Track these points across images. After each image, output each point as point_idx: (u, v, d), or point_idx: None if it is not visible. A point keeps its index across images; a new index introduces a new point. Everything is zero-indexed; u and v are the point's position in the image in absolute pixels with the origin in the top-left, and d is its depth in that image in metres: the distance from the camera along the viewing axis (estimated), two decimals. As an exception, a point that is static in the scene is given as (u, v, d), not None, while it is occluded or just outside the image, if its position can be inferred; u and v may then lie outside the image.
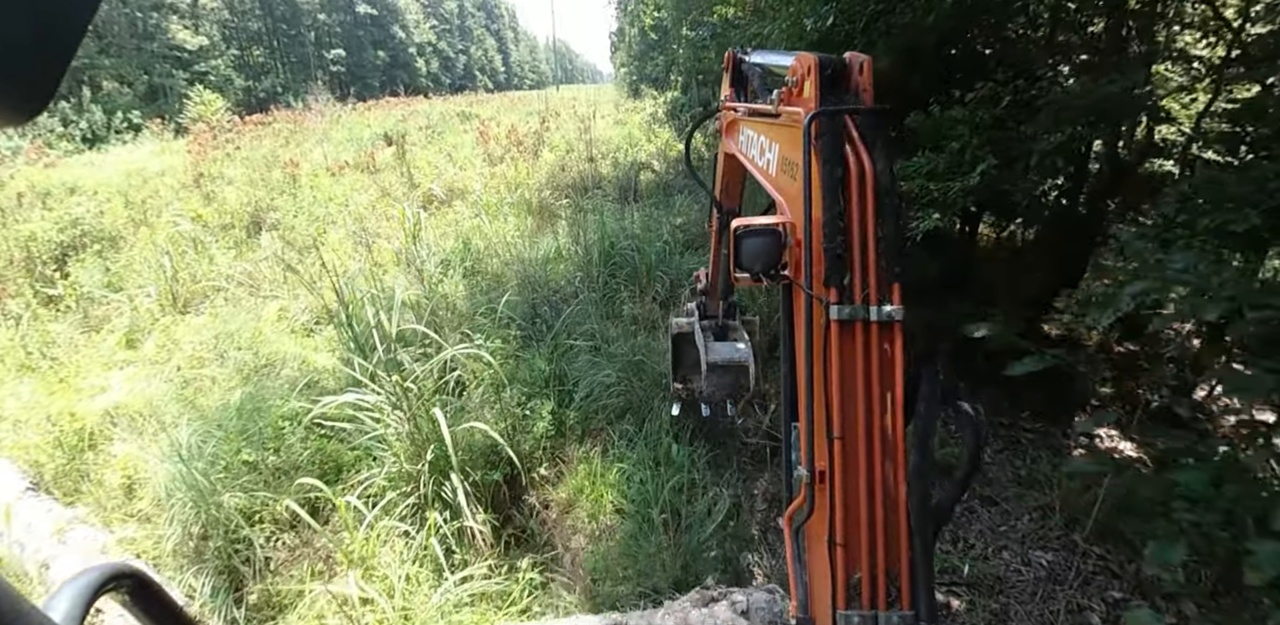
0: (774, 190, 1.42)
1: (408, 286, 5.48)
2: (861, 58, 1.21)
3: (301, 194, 8.40)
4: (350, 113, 20.74)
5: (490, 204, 8.07)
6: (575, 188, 9.64)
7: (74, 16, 0.28)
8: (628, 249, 6.23)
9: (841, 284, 1.14)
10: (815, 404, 1.15)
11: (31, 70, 0.27)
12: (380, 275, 5.89)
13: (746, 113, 1.78)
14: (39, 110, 0.28)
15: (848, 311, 1.13)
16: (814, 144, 1.13)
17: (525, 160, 10.82)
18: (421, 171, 10.01)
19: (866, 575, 1.14)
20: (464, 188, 9.70)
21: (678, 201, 8.93)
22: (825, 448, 1.14)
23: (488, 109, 26.54)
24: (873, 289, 1.14)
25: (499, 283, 5.79)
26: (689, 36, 13.68)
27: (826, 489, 1.16)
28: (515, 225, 7.87)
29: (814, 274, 1.15)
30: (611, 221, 7.43)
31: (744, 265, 1.27)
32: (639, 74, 33.86)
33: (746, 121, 1.79)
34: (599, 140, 14.15)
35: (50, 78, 0.28)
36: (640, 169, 10.92)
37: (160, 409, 3.60)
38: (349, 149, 13.21)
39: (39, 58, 0.27)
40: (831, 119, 1.14)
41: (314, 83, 39.59)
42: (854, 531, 1.14)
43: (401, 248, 6.09)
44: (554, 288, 5.63)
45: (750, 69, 2.04)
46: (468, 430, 2.80)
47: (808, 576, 1.26)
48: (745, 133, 1.81)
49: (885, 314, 1.13)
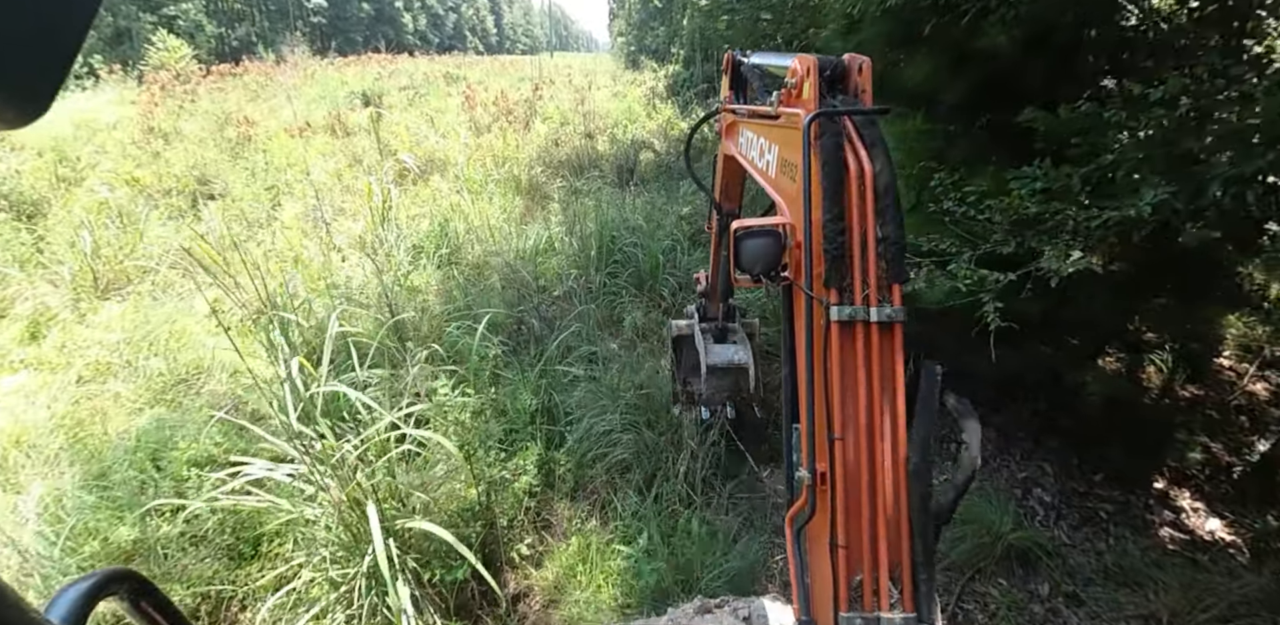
0: (773, 192, 1.43)
1: (369, 279, 4.69)
2: (861, 59, 1.22)
3: (254, 158, 7.40)
4: (327, 68, 19.23)
5: (473, 180, 7.19)
6: (570, 166, 8.77)
7: (74, 16, 0.27)
8: (629, 244, 5.49)
9: (841, 285, 1.14)
10: (815, 405, 1.14)
11: (32, 70, 0.27)
12: (340, 262, 5.07)
13: (746, 114, 1.78)
14: (40, 112, 0.28)
15: (848, 312, 1.13)
16: (813, 145, 1.14)
17: (515, 131, 9.87)
18: (399, 138, 9.02)
19: (868, 577, 1.13)
20: (445, 159, 8.77)
21: (682, 188, 8.14)
22: (826, 449, 1.14)
23: (476, 72, 25.04)
24: (873, 290, 1.13)
25: (479, 276, 5.02)
26: (699, 3, 12.65)
27: (827, 490, 1.15)
28: (501, 207, 7.04)
29: (814, 275, 1.15)
30: (610, 209, 6.66)
31: (744, 267, 1.26)
32: (638, 45, 32.35)
33: (746, 123, 1.79)
34: (596, 113, 13.17)
35: (51, 78, 0.27)
36: (641, 148, 10.06)
37: (38, 442, 2.82)
38: (322, 107, 12.05)
39: (39, 58, 0.27)
40: (831, 120, 1.15)
41: (291, 33, 37.27)
42: (855, 533, 1.13)
43: (367, 229, 5.26)
44: (544, 285, 4.89)
45: (749, 71, 2.04)
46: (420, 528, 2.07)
47: (809, 578, 1.24)
48: (745, 134, 1.81)
49: (885, 315, 1.13)
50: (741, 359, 2.78)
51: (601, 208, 6.49)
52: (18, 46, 0.25)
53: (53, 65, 0.27)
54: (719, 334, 3.04)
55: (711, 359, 2.79)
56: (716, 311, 3.05)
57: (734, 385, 2.89)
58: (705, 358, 2.79)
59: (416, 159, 7.89)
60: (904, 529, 1.12)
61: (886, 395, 1.13)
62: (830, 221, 1.12)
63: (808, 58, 1.21)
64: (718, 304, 3.02)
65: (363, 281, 4.72)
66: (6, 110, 0.27)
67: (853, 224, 1.13)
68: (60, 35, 0.27)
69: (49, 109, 0.28)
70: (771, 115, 1.39)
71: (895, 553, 1.13)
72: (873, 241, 1.13)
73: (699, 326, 3.01)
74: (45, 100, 0.27)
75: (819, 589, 1.20)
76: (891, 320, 1.12)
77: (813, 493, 1.16)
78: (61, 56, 0.27)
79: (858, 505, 1.13)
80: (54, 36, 0.27)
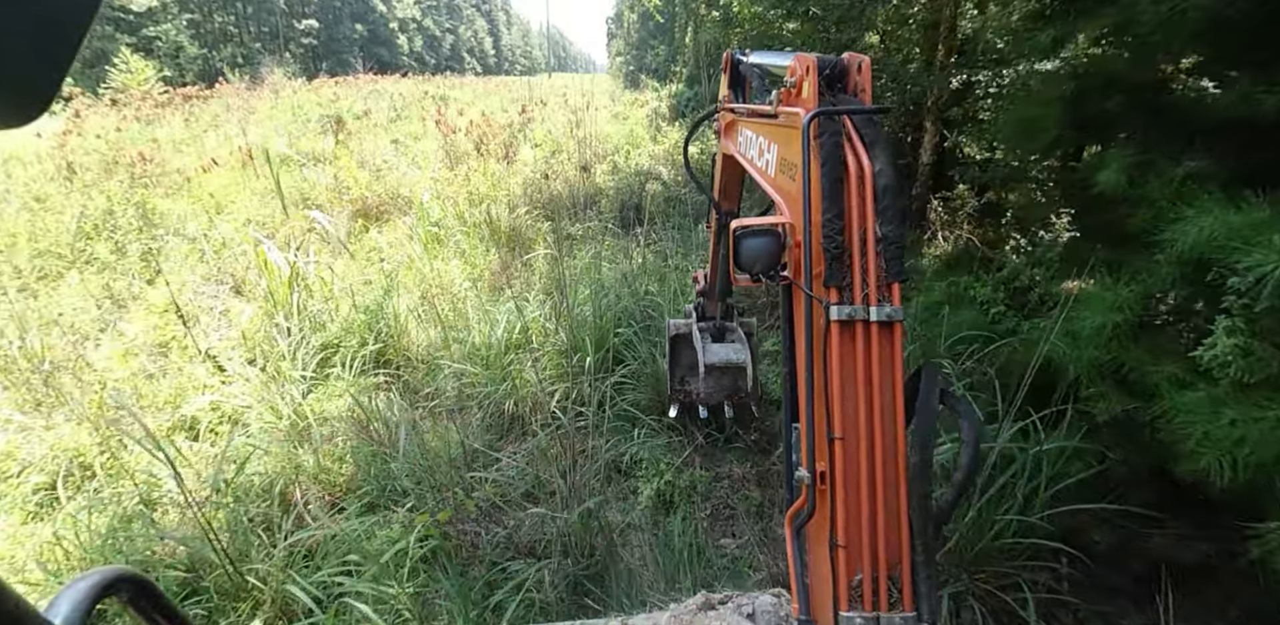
0: (773, 191, 1.40)
1: (239, 411, 3.02)
2: (860, 58, 1.21)
3: (158, 205, 5.74)
4: (307, 89, 17.82)
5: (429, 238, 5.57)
6: (561, 205, 7.18)
7: (74, 16, 0.27)
8: (639, 325, 3.84)
9: (841, 284, 1.12)
10: (815, 405, 1.12)
11: (32, 71, 0.27)
12: (211, 372, 3.39)
13: (745, 113, 1.76)
14: (40, 111, 0.28)
15: (847, 312, 1.11)
16: (813, 144, 1.12)
17: (498, 160, 8.29)
18: (348, 173, 7.44)
19: (868, 576, 1.11)
20: (412, 197, 7.19)
21: (701, 232, 6.53)
22: (825, 448, 1.12)
23: (468, 93, 23.78)
24: (872, 289, 1.11)
25: (417, 397, 3.36)
26: (711, 15, 11.23)
27: (827, 490, 1.13)
28: (469, 264, 5.41)
29: (813, 274, 1.13)
30: (610, 269, 5.02)
31: (743, 266, 1.23)
32: (637, 64, 31.34)
33: (745, 122, 1.77)
34: (594, 137, 11.65)
35: (51, 78, 0.27)
36: (647, 179, 8.49)
37: None
38: (294, 132, 10.53)
39: (39, 58, 0.27)
40: (831, 119, 1.13)
41: (278, 55, 36.35)
42: (855, 532, 1.11)
43: (253, 322, 3.58)
44: (516, 411, 3.22)
45: (749, 70, 2.03)
46: None
47: (809, 578, 1.21)
48: (744, 134, 1.80)
49: (885, 314, 1.11)
50: (740, 358, 2.79)
51: (599, 268, 4.85)
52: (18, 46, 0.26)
53: (52, 65, 0.27)
54: (717, 333, 3.03)
55: (709, 358, 2.79)
56: (715, 311, 3.04)
57: (732, 384, 2.98)
58: (703, 357, 2.79)
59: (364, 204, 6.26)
60: (904, 529, 1.11)
61: (886, 395, 1.11)
62: (830, 221, 1.11)
63: (807, 57, 1.20)
64: (716, 303, 3.01)
65: (233, 412, 3.05)
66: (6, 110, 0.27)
67: (852, 223, 1.11)
68: (60, 35, 0.27)
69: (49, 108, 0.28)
70: (771, 114, 1.38)
71: (895, 552, 1.12)
72: (872, 241, 1.11)
73: (697, 326, 3.01)
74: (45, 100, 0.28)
75: (819, 588, 1.18)
76: (891, 319, 1.11)
77: (812, 492, 1.14)
78: (61, 56, 0.27)
79: (857, 505, 1.11)
80: (54, 36, 0.27)
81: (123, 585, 0.52)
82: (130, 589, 0.53)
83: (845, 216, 1.11)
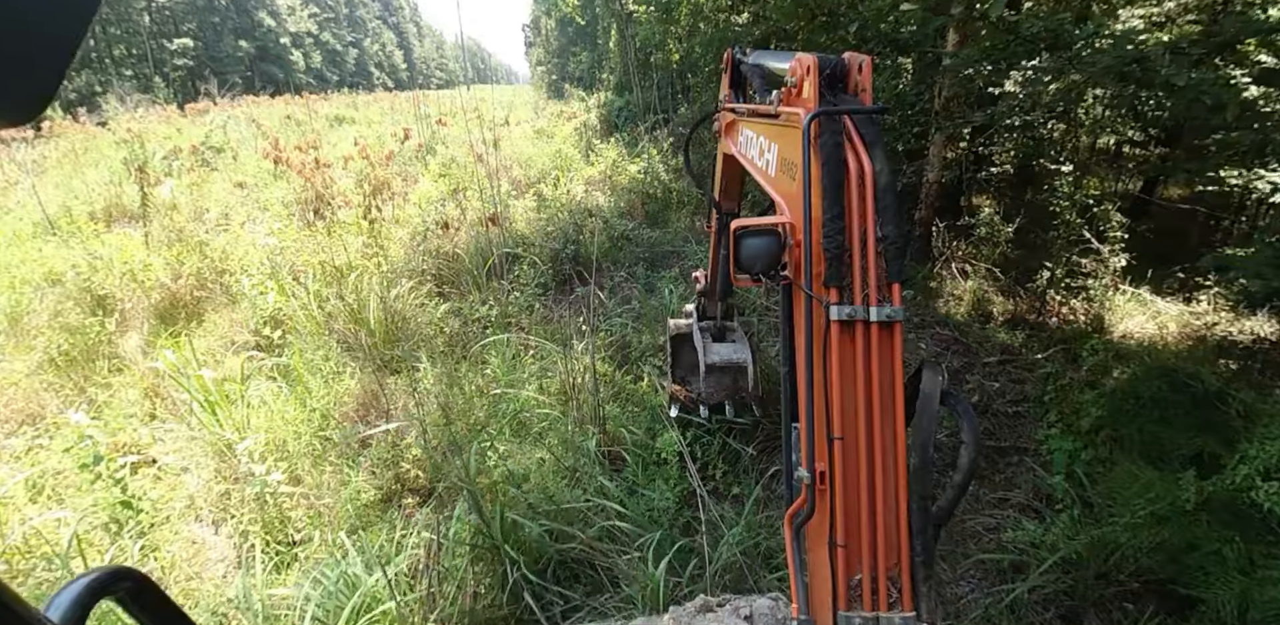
0: (773, 191, 1.41)
1: None
2: (861, 58, 1.20)
3: None
4: (160, 119, 14.79)
5: (225, 383, 3.40)
6: (462, 272, 5.06)
7: (74, 16, 0.27)
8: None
9: (841, 284, 1.12)
10: (815, 405, 1.12)
11: (32, 70, 0.27)
12: None
13: (746, 113, 1.77)
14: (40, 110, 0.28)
15: (847, 312, 1.11)
16: (813, 144, 1.12)
17: (376, 208, 6.05)
18: (122, 251, 5.10)
19: (867, 576, 1.11)
20: (245, 270, 4.91)
21: (675, 293, 4.58)
22: (825, 448, 1.12)
23: (374, 111, 21.07)
24: (872, 289, 1.12)
25: None
26: (639, 12, 9.36)
27: (827, 490, 1.13)
28: (303, 412, 3.26)
29: (814, 274, 1.13)
30: (546, 386, 3.01)
31: (744, 266, 1.23)
32: (560, 72, 29.26)
33: (745, 122, 1.79)
34: (515, 160, 9.52)
35: (51, 78, 0.27)
36: (585, 217, 6.46)
37: None
38: (92, 186, 7.90)
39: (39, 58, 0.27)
40: (831, 119, 1.13)
41: (147, 80, 32.23)
42: (854, 532, 1.11)
43: None
44: None
45: (749, 70, 2.01)
46: None
47: (808, 578, 1.20)
48: (744, 133, 1.80)
49: (885, 314, 1.11)
50: (740, 357, 2.82)
51: (521, 396, 2.83)
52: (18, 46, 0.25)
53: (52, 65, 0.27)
54: (717, 333, 3.08)
55: (710, 357, 2.84)
56: (715, 310, 3.06)
57: (733, 383, 3.00)
58: (704, 356, 2.84)
59: (170, 295, 4.00)
60: (903, 529, 1.11)
61: (886, 395, 1.11)
62: (830, 221, 1.10)
63: (808, 57, 1.19)
64: (716, 303, 3.03)
65: None
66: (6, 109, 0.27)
67: (852, 223, 1.11)
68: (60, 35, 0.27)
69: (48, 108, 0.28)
70: (771, 114, 1.38)
71: (894, 552, 1.11)
72: (872, 241, 1.11)
73: (698, 325, 3.06)
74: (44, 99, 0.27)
75: (818, 588, 1.17)
76: (891, 320, 1.11)
77: (812, 492, 1.13)
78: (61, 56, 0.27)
79: (857, 505, 1.10)
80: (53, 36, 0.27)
81: (123, 583, 0.52)
82: (130, 587, 0.52)
83: (845, 216, 1.11)
